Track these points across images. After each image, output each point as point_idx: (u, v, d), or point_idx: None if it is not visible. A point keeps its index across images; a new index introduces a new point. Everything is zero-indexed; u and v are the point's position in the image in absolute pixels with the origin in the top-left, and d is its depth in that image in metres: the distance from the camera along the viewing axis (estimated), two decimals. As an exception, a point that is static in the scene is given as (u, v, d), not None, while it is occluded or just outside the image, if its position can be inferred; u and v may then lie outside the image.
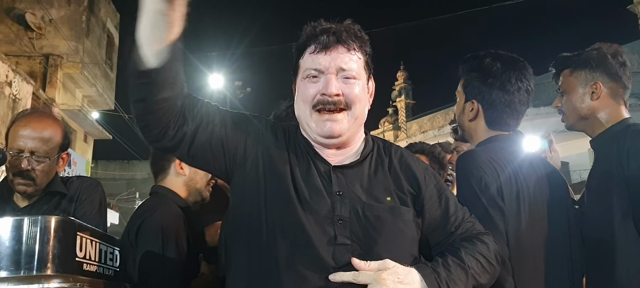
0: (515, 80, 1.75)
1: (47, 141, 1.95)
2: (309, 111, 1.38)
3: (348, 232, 1.28)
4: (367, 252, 1.27)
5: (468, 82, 1.82)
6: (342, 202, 1.32)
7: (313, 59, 1.37)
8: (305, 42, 1.40)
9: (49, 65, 16.13)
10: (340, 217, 1.30)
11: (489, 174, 1.61)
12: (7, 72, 13.24)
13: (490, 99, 1.76)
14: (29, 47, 16.17)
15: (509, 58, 1.79)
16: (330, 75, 1.36)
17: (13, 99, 13.39)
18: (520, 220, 1.61)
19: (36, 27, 16.07)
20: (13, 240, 1.23)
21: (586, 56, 1.84)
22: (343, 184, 1.35)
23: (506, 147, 1.74)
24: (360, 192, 1.35)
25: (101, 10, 18.69)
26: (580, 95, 1.84)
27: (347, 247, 1.27)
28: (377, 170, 1.42)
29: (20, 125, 1.94)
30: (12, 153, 1.91)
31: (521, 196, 1.63)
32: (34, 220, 1.24)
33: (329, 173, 1.36)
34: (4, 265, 1.21)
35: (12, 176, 1.93)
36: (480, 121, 1.80)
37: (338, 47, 1.36)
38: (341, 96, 1.36)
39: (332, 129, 1.36)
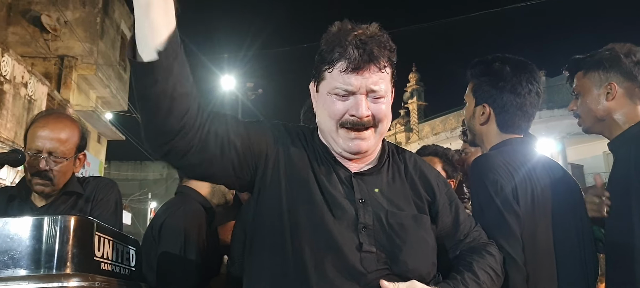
0: (525, 82, 1.74)
1: (64, 142, 1.97)
2: (335, 127, 1.36)
3: (373, 240, 1.28)
4: (392, 260, 1.27)
5: (478, 86, 1.81)
6: (365, 210, 1.31)
7: (344, 79, 1.32)
8: (333, 53, 1.33)
9: (63, 66, 16.31)
10: (364, 224, 1.29)
11: (504, 177, 1.60)
12: (23, 73, 13.41)
13: (502, 103, 1.75)
14: (44, 49, 16.36)
15: (517, 61, 1.78)
16: (360, 96, 1.33)
17: (28, 100, 13.56)
18: (535, 223, 1.60)
19: (51, 28, 16.27)
20: (33, 239, 1.25)
21: (599, 57, 1.81)
22: (364, 191, 1.35)
23: (520, 150, 1.73)
24: (381, 199, 1.35)
25: (115, 11, 18.87)
26: (595, 96, 1.80)
27: (373, 254, 1.27)
28: (395, 176, 1.43)
29: (38, 126, 1.97)
30: (31, 154, 1.94)
31: (536, 199, 1.62)
32: (54, 219, 1.26)
33: (350, 180, 1.36)
34: (24, 264, 1.23)
35: (31, 176, 1.96)
36: (491, 125, 1.79)
37: (370, 66, 1.31)
38: (370, 117, 1.34)
39: (359, 147, 1.35)
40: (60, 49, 16.58)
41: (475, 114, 1.83)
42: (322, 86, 1.38)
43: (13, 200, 2.03)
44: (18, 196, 2.04)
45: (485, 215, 1.58)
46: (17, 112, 12.90)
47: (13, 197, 2.04)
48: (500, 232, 1.53)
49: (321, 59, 1.37)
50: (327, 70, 1.35)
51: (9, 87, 12.83)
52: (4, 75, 12.60)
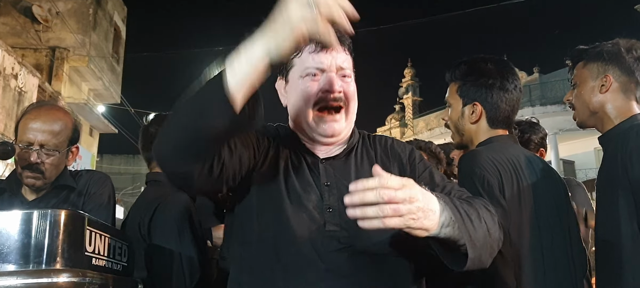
0: (511, 79, 1.79)
1: (56, 134, 1.94)
2: (310, 111, 1.40)
3: (337, 219, 1.31)
4: (356, 237, 1.28)
5: (464, 86, 1.84)
6: (330, 192, 1.35)
7: (314, 58, 1.39)
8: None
9: (55, 58, 16.17)
10: (329, 205, 1.33)
11: (491, 172, 1.62)
12: (13, 64, 13.27)
13: (493, 99, 1.79)
14: (36, 40, 16.21)
15: (498, 60, 1.83)
16: (331, 74, 1.38)
17: (19, 92, 13.43)
18: (521, 219, 1.61)
19: (43, 19, 16.11)
20: (22, 233, 1.21)
21: (600, 49, 1.81)
22: (331, 175, 1.39)
23: (506, 146, 1.75)
24: (348, 181, 1.33)
25: (108, 3, 18.72)
26: (591, 88, 1.80)
27: (335, 232, 1.29)
28: (363, 160, 1.45)
29: (30, 117, 1.93)
30: (22, 146, 1.90)
31: (522, 195, 1.64)
32: (43, 213, 1.23)
33: (317, 166, 1.40)
34: (13, 259, 1.20)
35: (21, 169, 1.92)
36: (482, 122, 1.83)
37: (337, 46, 1.37)
38: (342, 93, 1.39)
39: (332, 129, 1.39)
40: (52, 40, 16.43)
41: (464, 113, 1.84)
42: (291, 73, 1.44)
43: (3, 193, 2.00)
44: (8, 189, 2.00)
45: None
46: (7, 104, 12.78)
47: (3, 191, 2.00)
48: None
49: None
50: (295, 57, 1.41)
51: None
52: (-5, 67, 12.47)
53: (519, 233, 1.60)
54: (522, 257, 1.58)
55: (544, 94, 22.01)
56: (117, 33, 19.77)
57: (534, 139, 2.71)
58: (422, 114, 29.15)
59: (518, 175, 1.66)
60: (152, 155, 2.17)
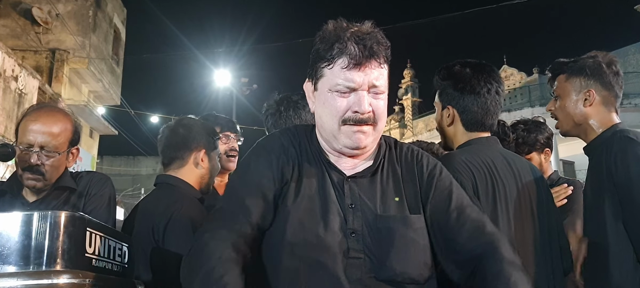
0: (484, 82, 1.82)
1: (57, 136, 1.93)
2: (338, 125, 1.34)
3: (361, 246, 1.27)
4: (379, 265, 1.26)
5: (443, 90, 1.90)
6: (355, 215, 1.31)
7: (346, 76, 1.31)
8: (333, 49, 1.32)
9: (55, 60, 16.17)
10: (353, 230, 1.29)
11: (464, 174, 1.66)
12: (13, 66, 13.28)
13: (464, 103, 1.84)
14: (36, 42, 16.22)
15: (476, 64, 1.87)
16: (362, 93, 1.32)
17: (19, 94, 13.43)
18: (497, 219, 1.64)
19: (43, 21, 16.12)
20: (23, 235, 1.22)
21: (582, 64, 1.92)
22: (356, 196, 1.34)
23: (482, 149, 1.79)
24: (372, 202, 1.34)
25: (108, 5, 18.73)
26: (574, 101, 1.92)
27: (360, 260, 1.26)
28: (389, 178, 1.40)
29: (30, 119, 1.93)
30: (22, 148, 1.90)
31: (498, 196, 1.68)
32: (43, 215, 1.23)
33: (342, 184, 1.35)
34: (13, 260, 1.20)
35: (22, 171, 1.92)
36: (457, 125, 1.88)
37: (371, 61, 1.31)
38: (371, 113, 1.33)
39: (359, 140, 1.33)
40: (52, 42, 16.44)
41: (443, 117, 1.91)
42: (321, 84, 1.37)
43: (4, 195, 1.99)
44: (9, 191, 2.00)
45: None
46: (7, 106, 12.78)
47: (4, 193, 2.00)
48: None
49: (319, 56, 1.36)
50: (326, 67, 1.34)
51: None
52: (-5, 69, 12.48)
53: None
54: None
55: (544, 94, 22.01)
56: (117, 35, 19.78)
57: (539, 138, 2.73)
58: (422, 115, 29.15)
59: (493, 177, 1.71)
60: (175, 158, 2.16)
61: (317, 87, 1.39)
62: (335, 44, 1.32)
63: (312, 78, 1.41)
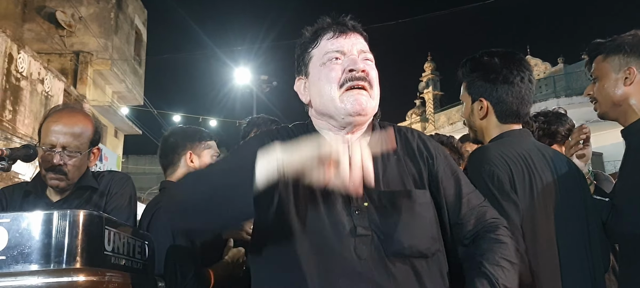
0: (516, 71, 1.75)
1: (78, 136, 1.97)
2: (336, 92, 1.35)
3: (366, 222, 1.27)
4: (387, 240, 1.26)
5: (471, 82, 1.83)
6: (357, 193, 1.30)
7: (333, 43, 1.39)
8: (317, 33, 1.42)
9: (79, 62, 16.45)
10: (357, 207, 1.29)
11: (501, 168, 1.60)
12: (39, 69, 13.55)
13: (497, 94, 1.76)
14: (60, 45, 16.52)
15: (504, 53, 1.80)
16: (353, 55, 1.38)
17: (45, 96, 13.71)
18: (535, 213, 1.58)
19: (66, 24, 16.41)
20: (43, 233, 1.24)
21: (620, 41, 1.79)
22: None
23: (517, 141, 1.72)
24: (375, 180, 1.31)
25: (129, 6, 18.96)
26: (613, 81, 1.78)
27: (368, 238, 1.25)
28: (390, 155, 1.40)
29: (51, 121, 1.97)
30: (45, 149, 1.94)
31: (535, 189, 1.61)
32: (63, 214, 1.25)
33: None
34: (34, 258, 1.22)
35: (45, 171, 1.96)
36: (491, 118, 1.80)
37: (355, 32, 1.41)
38: (366, 73, 1.36)
39: (361, 105, 1.34)
40: (76, 45, 16.72)
41: (473, 110, 1.84)
42: (312, 64, 1.42)
43: (28, 195, 2.04)
44: (33, 191, 2.05)
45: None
46: (34, 108, 13.05)
47: (28, 193, 2.05)
48: None
49: (304, 47, 1.45)
50: (314, 48, 1.42)
51: (26, 84, 12.98)
52: (21, 72, 12.75)
53: (532, 228, 1.56)
54: (538, 253, 1.54)
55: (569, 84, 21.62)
56: (138, 36, 20.02)
57: (560, 130, 2.64)
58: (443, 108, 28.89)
59: (530, 170, 1.63)
60: (169, 163, 2.28)
61: (308, 73, 1.43)
62: (316, 30, 1.42)
63: (301, 71, 1.46)
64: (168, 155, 2.31)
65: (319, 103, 1.41)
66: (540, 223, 1.57)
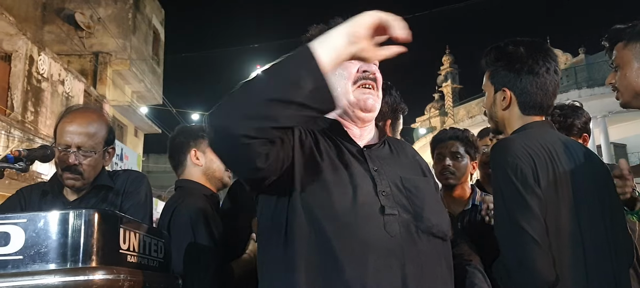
0: (542, 61, 1.70)
1: (92, 136, 1.99)
2: (350, 86, 1.47)
3: (393, 203, 1.31)
4: (416, 218, 1.32)
5: (494, 72, 1.78)
6: (380, 178, 1.36)
7: None
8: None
9: (98, 62, 16.69)
10: (383, 190, 1.33)
11: (523, 160, 1.55)
12: (60, 71, 13.77)
13: (521, 84, 1.72)
14: (79, 46, 16.76)
15: (530, 42, 1.75)
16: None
17: (66, 97, 13.93)
18: (559, 207, 1.53)
19: (85, 26, 16.65)
20: (59, 233, 1.25)
21: None
22: (376, 162, 1.41)
23: (540, 133, 1.67)
24: (393, 168, 1.42)
25: (147, 7, 19.15)
26: (636, 69, 1.70)
27: (395, 216, 1.29)
28: (398, 151, 1.54)
29: (66, 121, 1.99)
30: (60, 149, 1.96)
31: (559, 182, 1.56)
32: (78, 213, 1.26)
33: (361, 153, 1.42)
34: (51, 258, 1.23)
35: (61, 171, 1.98)
36: (513, 108, 1.75)
37: None
38: (376, 75, 1.50)
39: (373, 102, 1.47)
40: (95, 46, 16.95)
41: (496, 100, 1.79)
42: None
43: (46, 195, 2.07)
44: (51, 191, 2.07)
45: (505, 199, 1.54)
46: (55, 109, 13.26)
47: (46, 193, 2.07)
48: (521, 215, 1.48)
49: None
50: None
51: (47, 85, 13.20)
52: (42, 74, 12.97)
53: (556, 222, 1.52)
54: (562, 247, 1.51)
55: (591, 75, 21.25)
56: (156, 36, 20.22)
57: (576, 123, 2.57)
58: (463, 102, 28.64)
59: (554, 162, 1.58)
60: (177, 164, 2.31)
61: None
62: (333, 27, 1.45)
63: None
64: (175, 156, 2.34)
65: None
66: (563, 217, 1.53)
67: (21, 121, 12.07)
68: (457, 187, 2.45)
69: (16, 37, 12.14)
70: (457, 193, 2.46)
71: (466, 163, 2.45)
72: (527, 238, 1.45)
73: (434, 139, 2.62)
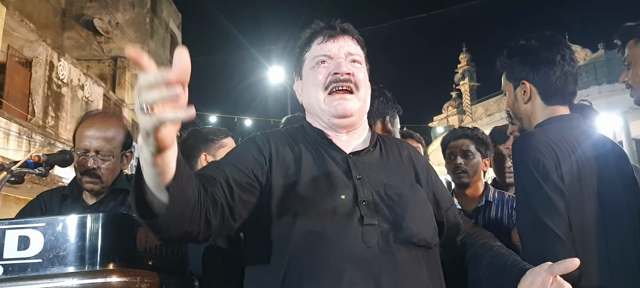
0: (556, 50, 1.70)
1: (110, 140, 2.02)
2: (321, 94, 1.42)
3: (373, 213, 1.28)
4: (396, 228, 1.27)
5: (510, 69, 1.78)
6: (363, 186, 1.32)
7: (322, 47, 1.44)
8: (309, 37, 1.48)
9: (117, 67, 16.93)
10: (364, 199, 1.30)
11: (546, 155, 1.52)
12: (79, 75, 13.98)
13: (539, 75, 1.70)
14: (98, 51, 17.01)
15: (540, 35, 1.75)
16: (340, 59, 1.42)
17: (86, 101, 14.14)
18: (583, 201, 1.51)
19: (104, 31, 16.91)
20: (77, 236, 1.27)
21: None
22: (361, 169, 1.37)
23: (564, 127, 1.64)
24: (378, 175, 1.38)
25: (164, 11, 19.37)
26: None
27: (375, 227, 1.26)
28: (389, 155, 1.47)
29: (85, 126, 2.02)
30: (79, 153, 1.99)
31: (583, 177, 1.53)
32: (95, 217, 1.28)
33: (346, 160, 1.39)
34: (69, 261, 1.25)
35: (80, 175, 2.01)
36: (535, 100, 1.73)
37: (344, 36, 1.45)
38: (351, 76, 1.40)
39: (344, 108, 1.39)
40: (113, 51, 17.21)
41: (517, 96, 1.78)
42: (304, 68, 1.49)
43: (66, 199, 2.10)
44: (70, 195, 2.10)
45: (528, 194, 1.52)
46: (75, 114, 13.47)
47: (66, 197, 2.10)
48: (544, 211, 1.46)
49: (300, 49, 1.51)
50: (305, 52, 1.48)
51: (67, 90, 13.41)
52: (62, 79, 13.18)
53: (580, 218, 1.49)
54: (586, 244, 1.48)
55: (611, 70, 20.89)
56: (173, 39, 20.43)
57: (586, 122, 2.53)
58: (481, 100, 28.36)
59: (578, 157, 1.55)
60: (189, 167, 2.31)
61: (301, 75, 1.50)
62: (310, 34, 1.49)
63: (298, 72, 1.53)
64: (187, 159, 2.35)
65: (308, 105, 1.48)
66: (588, 212, 1.51)
67: (42, 126, 12.28)
68: (470, 184, 2.45)
69: (36, 44, 12.36)
70: (470, 190, 2.46)
71: (478, 160, 2.47)
72: (549, 234, 1.43)
73: (445, 139, 2.65)
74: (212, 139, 2.41)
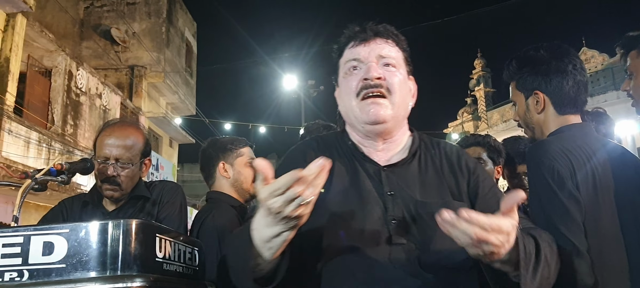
0: (567, 60, 1.70)
1: (130, 148, 2.07)
2: (354, 102, 1.36)
3: (402, 232, 1.24)
4: (423, 250, 1.23)
5: (521, 80, 1.78)
6: (394, 202, 1.28)
7: (352, 52, 1.39)
8: (343, 43, 1.43)
9: (134, 76, 17.11)
10: (394, 217, 1.26)
11: (561, 163, 1.52)
12: (97, 84, 14.18)
13: (552, 85, 1.70)
14: (116, 60, 17.23)
15: (549, 44, 1.75)
16: (370, 63, 1.35)
17: (103, 110, 14.32)
18: (598, 210, 1.50)
19: (121, 40, 17.14)
20: (99, 242, 1.30)
21: None
22: (394, 184, 1.31)
23: (578, 135, 1.64)
24: (412, 190, 1.31)
25: (179, 20, 19.56)
26: None
27: (403, 246, 1.23)
28: (428, 167, 1.38)
29: (105, 135, 2.08)
30: (100, 161, 2.04)
31: (598, 185, 1.52)
32: (116, 223, 1.31)
33: (379, 174, 1.33)
34: (92, 266, 1.28)
35: (100, 182, 2.06)
36: (548, 110, 1.73)
37: (376, 39, 1.38)
38: (383, 80, 1.34)
39: (376, 113, 1.32)
40: (130, 60, 17.42)
41: (529, 106, 1.77)
42: (339, 75, 1.45)
43: (87, 206, 2.15)
44: (91, 202, 2.15)
45: (543, 203, 1.51)
46: (93, 122, 13.66)
47: (86, 203, 2.15)
48: (559, 220, 1.45)
49: (334, 57, 1.47)
50: (340, 59, 1.44)
51: (85, 99, 13.61)
52: (80, 88, 13.38)
53: (597, 226, 1.48)
54: (603, 252, 1.47)
55: (629, 76, 20.58)
56: (189, 48, 20.61)
57: (601, 129, 2.51)
58: (496, 105, 28.13)
59: (593, 165, 1.55)
60: (207, 176, 2.41)
61: (338, 83, 1.46)
62: (343, 39, 1.43)
63: (335, 80, 1.49)
64: (205, 168, 2.44)
65: (344, 114, 1.44)
66: (604, 221, 1.50)
67: (61, 134, 12.46)
68: None
69: (55, 53, 12.57)
70: None
71: (490, 168, 2.45)
72: (565, 243, 1.42)
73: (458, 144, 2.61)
74: (230, 148, 2.46)
